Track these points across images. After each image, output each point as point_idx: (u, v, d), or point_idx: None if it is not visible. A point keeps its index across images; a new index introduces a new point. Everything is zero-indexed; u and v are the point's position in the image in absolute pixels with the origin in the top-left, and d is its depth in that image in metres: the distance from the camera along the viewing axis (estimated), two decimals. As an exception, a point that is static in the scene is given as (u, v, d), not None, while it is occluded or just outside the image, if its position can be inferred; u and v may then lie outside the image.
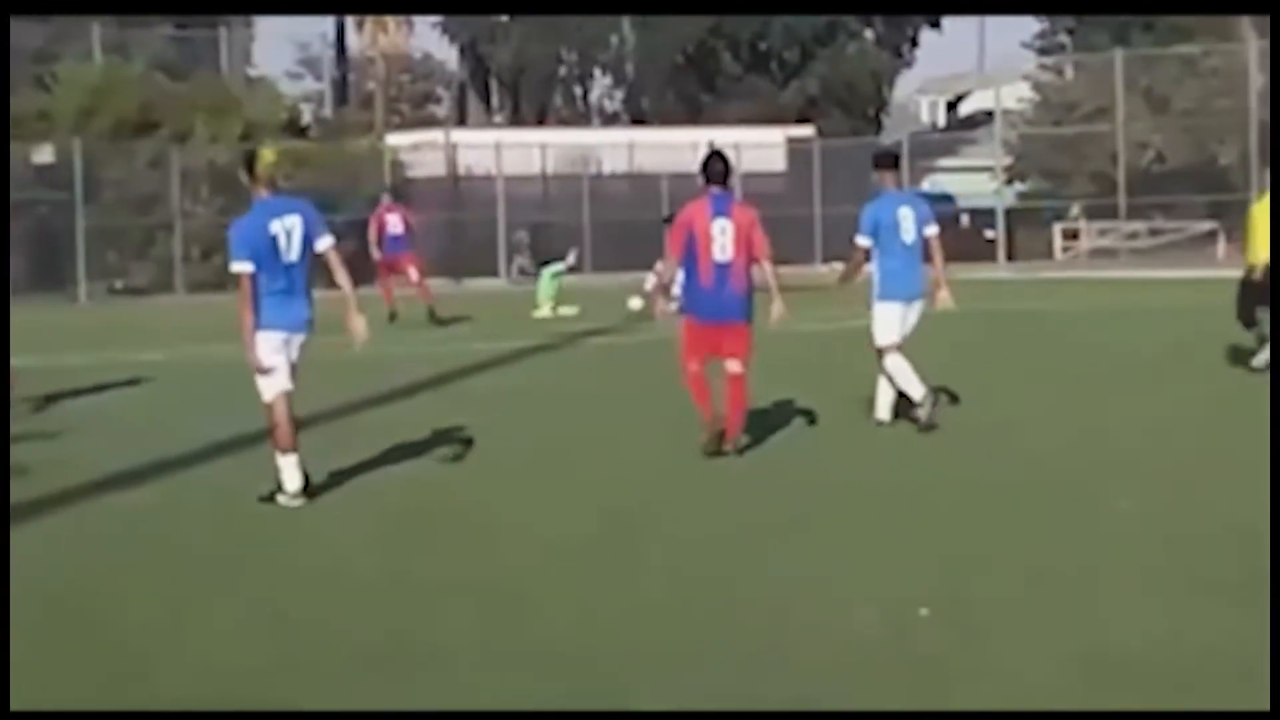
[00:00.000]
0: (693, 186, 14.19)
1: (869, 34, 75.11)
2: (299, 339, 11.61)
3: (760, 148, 55.50)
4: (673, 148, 50.90)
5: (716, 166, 13.41)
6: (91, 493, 12.28)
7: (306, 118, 57.87)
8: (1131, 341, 21.27)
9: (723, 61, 73.72)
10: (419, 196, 53.73)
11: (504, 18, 75.02)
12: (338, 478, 12.83)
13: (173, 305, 42.68)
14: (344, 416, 16.53)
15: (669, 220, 15.34)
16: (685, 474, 12.79)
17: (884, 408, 15.00)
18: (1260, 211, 19.10)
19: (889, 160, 15.40)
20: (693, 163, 14.83)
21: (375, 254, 30.45)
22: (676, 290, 14.12)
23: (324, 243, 11.49)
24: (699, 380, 13.48)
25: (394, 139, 56.83)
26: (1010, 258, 51.98)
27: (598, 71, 78.96)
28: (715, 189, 13.34)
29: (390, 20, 77.85)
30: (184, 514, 11.59)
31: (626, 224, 49.36)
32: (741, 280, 13.29)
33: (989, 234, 52.95)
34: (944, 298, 15.02)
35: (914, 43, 76.82)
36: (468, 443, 14.50)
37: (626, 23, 75.48)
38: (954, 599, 8.42)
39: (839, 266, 16.26)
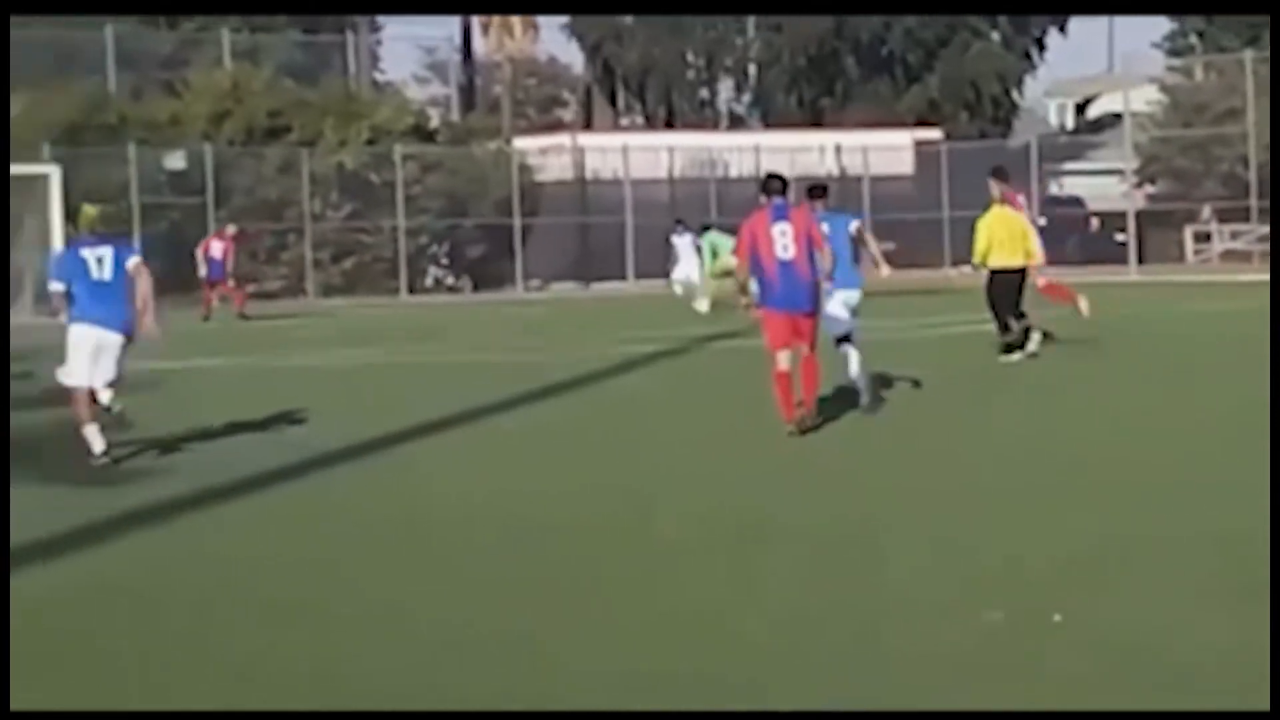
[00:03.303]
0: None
1: (995, 35, 74.64)
2: (114, 338, 14.11)
3: (888, 150, 55.28)
4: (799, 150, 50.72)
5: (775, 184, 15.69)
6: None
7: (434, 122, 58.13)
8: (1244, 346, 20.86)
9: (845, 64, 73.53)
10: (547, 200, 53.97)
11: (628, 19, 75.14)
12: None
13: (302, 309, 43.08)
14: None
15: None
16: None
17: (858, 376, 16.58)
18: (998, 219, 20.80)
19: (819, 191, 17.49)
20: (819, 166, 15.68)
21: (201, 271, 39.22)
22: (753, 287, 15.50)
23: (131, 263, 14.40)
24: (785, 383, 14.99)
25: (521, 143, 57.06)
26: (1141, 261, 51.43)
27: (723, 74, 78.90)
28: (776, 199, 15.40)
29: (516, 23, 78.09)
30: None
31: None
32: (805, 272, 15.10)
33: (1120, 237, 52.48)
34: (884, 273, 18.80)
35: (1041, 44, 76.27)
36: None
37: (752, 24, 75.44)
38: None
39: (967, 269, 16.70)
